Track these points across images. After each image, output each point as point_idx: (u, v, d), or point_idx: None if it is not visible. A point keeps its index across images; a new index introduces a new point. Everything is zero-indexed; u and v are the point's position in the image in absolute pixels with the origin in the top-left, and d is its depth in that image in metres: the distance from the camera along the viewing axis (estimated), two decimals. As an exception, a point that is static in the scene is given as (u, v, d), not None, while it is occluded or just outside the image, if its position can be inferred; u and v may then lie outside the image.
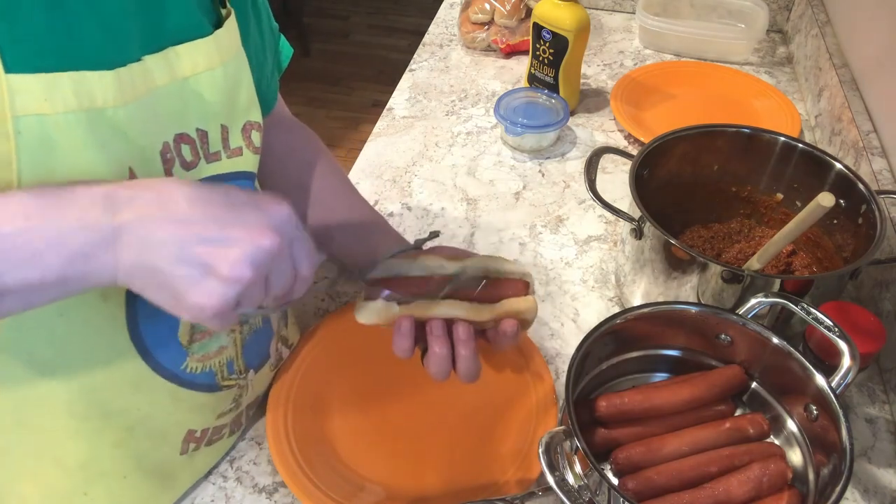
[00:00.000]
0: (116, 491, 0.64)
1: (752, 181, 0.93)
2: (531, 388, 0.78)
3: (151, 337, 0.59)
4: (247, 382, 0.71)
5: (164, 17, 0.54)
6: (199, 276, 0.45)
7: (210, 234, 0.45)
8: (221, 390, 0.68)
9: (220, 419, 0.70)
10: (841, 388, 0.64)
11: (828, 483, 0.61)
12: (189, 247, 0.45)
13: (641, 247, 0.82)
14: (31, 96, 0.44)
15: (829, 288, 0.78)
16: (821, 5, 1.34)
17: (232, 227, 0.46)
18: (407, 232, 1.01)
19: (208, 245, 0.45)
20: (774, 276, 0.84)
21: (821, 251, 0.88)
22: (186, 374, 0.63)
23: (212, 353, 0.65)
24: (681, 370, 0.75)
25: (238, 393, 0.71)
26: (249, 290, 0.47)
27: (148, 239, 0.44)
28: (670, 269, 0.79)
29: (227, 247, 0.45)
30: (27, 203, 0.43)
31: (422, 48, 1.43)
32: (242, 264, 0.45)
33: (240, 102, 0.61)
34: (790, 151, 0.88)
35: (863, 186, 0.81)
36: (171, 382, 0.62)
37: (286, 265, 0.50)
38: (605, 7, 1.55)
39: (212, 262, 0.45)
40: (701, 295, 0.78)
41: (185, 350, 0.62)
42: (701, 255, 0.75)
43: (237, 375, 0.69)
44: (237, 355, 0.69)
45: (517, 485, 0.70)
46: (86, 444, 0.60)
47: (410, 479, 0.72)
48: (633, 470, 0.67)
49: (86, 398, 0.58)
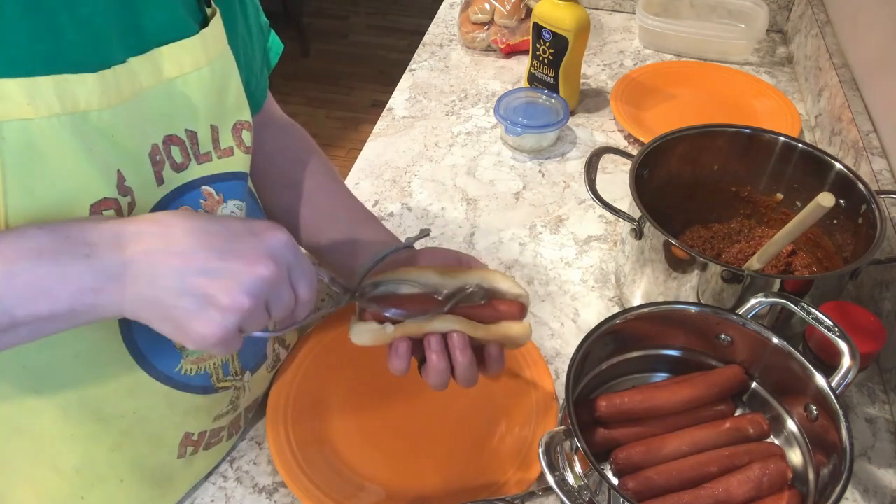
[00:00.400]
0: (113, 495, 0.64)
1: (751, 181, 0.93)
2: (531, 388, 0.78)
3: (145, 340, 0.59)
4: (243, 384, 0.71)
5: (146, 17, 0.53)
6: (198, 307, 0.46)
7: (209, 266, 0.47)
8: (217, 392, 0.68)
9: (217, 421, 0.70)
10: (841, 388, 0.64)
11: (828, 483, 0.61)
12: (189, 279, 0.46)
13: (641, 247, 0.82)
14: (12, 101, 0.44)
15: (828, 288, 0.78)
16: (821, 5, 1.34)
17: (230, 258, 0.47)
18: (407, 232, 1.01)
19: (207, 276, 0.46)
20: (774, 276, 0.84)
21: (821, 251, 0.88)
22: (181, 377, 0.63)
23: (206, 356, 0.65)
24: (681, 370, 0.75)
25: (235, 395, 0.71)
26: (250, 317, 0.48)
27: (151, 273, 0.46)
28: (670, 269, 0.79)
29: (225, 278, 0.47)
30: (39, 238, 0.44)
31: (422, 48, 1.43)
32: (240, 294, 0.47)
33: (229, 102, 0.61)
34: (790, 151, 0.88)
35: (863, 186, 0.81)
36: (166, 385, 0.62)
37: (285, 291, 0.51)
38: (605, 7, 1.55)
39: (211, 292, 0.46)
40: (701, 295, 0.78)
41: (178, 353, 0.62)
42: (701, 255, 0.75)
43: (233, 377, 0.69)
44: (233, 357, 0.69)
45: (517, 485, 0.70)
46: (81, 448, 0.60)
47: (410, 479, 0.72)
48: (633, 470, 0.67)
49: (80, 403, 0.58)
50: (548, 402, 0.77)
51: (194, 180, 0.59)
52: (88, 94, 0.48)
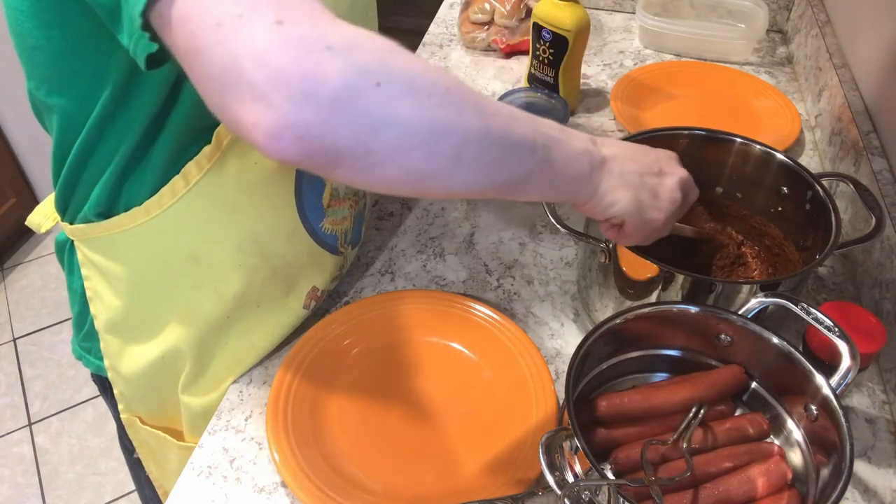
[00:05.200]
0: (250, 319, 0.78)
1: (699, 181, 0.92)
2: (531, 389, 0.78)
3: (307, 197, 0.75)
4: (348, 254, 0.89)
5: None
6: (651, 199, 0.65)
7: (654, 170, 0.66)
8: (338, 254, 0.85)
9: (332, 283, 0.88)
10: (841, 388, 0.64)
11: (828, 483, 0.61)
12: (645, 178, 0.65)
13: (608, 268, 0.81)
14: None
15: (800, 280, 0.79)
16: (821, 5, 1.34)
17: (664, 166, 0.68)
18: (407, 231, 1.02)
19: (655, 177, 0.66)
20: (759, 281, 0.84)
21: (768, 238, 0.89)
22: (321, 233, 0.80)
23: (339, 220, 0.82)
24: (681, 370, 0.75)
25: (342, 262, 0.88)
26: (679, 209, 0.68)
27: (621, 171, 0.62)
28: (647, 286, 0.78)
29: (666, 178, 0.67)
30: (555, 127, 0.58)
31: (422, 48, 1.43)
32: (676, 190, 0.67)
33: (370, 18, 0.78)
34: (729, 146, 0.88)
35: (806, 174, 0.82)
36: (311, 237, 0.79)
37: (693, 189, 0.71)
38: (605, 7, 1.55)
39: (658, 190, 0.66)
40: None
41: (324, 211, 0.79)
42: (676, 270, 0.74)
43: (347, 245, 0.87)
44: (350, 228, 0.86)
45: (517, 485, 0.70)
46: (245, 276, 0.75)
47: (410, 479, 0.72)
48: (633, 470, 0.67)
49: (253, 238, 0.73)
50: (548, 402, 0.77)
51: None
52: None
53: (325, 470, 0.72)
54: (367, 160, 0.45)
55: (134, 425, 0.88)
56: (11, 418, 2.03)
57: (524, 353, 0.82)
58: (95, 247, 0.73)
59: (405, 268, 0.96)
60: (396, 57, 0.45)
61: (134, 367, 0.80)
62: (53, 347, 2.20)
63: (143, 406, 0.86)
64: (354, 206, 0.85)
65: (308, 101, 0.41)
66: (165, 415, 0.86)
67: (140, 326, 0.77)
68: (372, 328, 0.85)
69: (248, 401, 0.81)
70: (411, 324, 0.86)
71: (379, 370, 0.82)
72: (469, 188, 0.51)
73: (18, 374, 2.14)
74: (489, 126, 0.50)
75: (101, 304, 0.77)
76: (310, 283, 0.82)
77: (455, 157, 0.48)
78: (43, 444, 1.97)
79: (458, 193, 0.52)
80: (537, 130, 0.54)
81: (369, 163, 0.45)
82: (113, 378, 0.84)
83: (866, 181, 0.93)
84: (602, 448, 0.69)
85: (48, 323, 2.27)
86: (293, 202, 0.74)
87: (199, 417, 0.82)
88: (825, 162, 1.14)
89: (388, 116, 0.44)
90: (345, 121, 0.42)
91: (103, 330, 0.79)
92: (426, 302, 0.88)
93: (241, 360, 0.81)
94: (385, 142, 0.44)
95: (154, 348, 0.77)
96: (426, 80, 0.46)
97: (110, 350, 0.81)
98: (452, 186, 0.50)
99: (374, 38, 0.45)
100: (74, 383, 2.11)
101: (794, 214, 0.85)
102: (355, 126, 0.43)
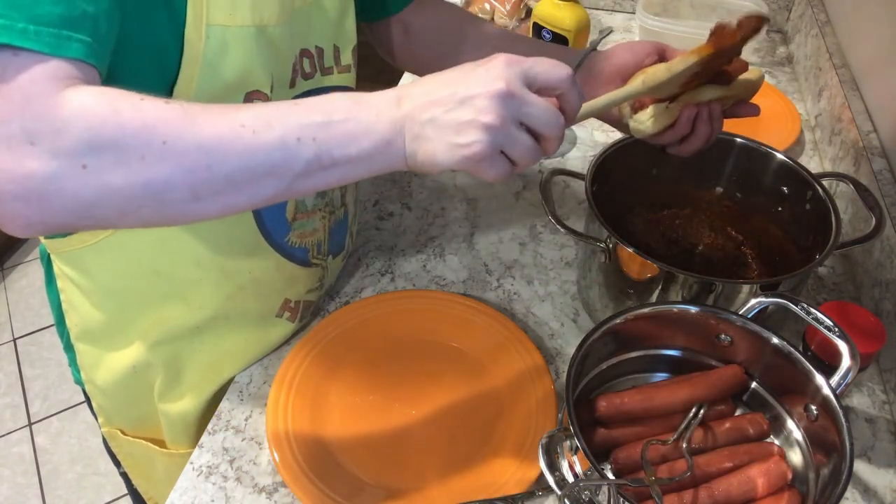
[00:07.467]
0: (222, 329, 0.78)
1: (693, 180, 0.92)
2: (531, 388, 0.78)
3: (267, 212, 0.73)
4: (327, 265, 0.86)
5: None
6: (454, 135, 0.53)
7: (456, 99, 0.53)
8: (311, 267, 0.82)
9: (309, 295, 0.84)
10: (841, 388, 0.64)
11: (828, 483, 0.61)
12: (446, 116, 0.53)
13: (609, 268, 0.81)
14: (221, 10, 0.59)
15: (800, 280, 0.78)
16: (821, 5, 1.34)
17: (467, 88, 0.53)
18: (407, 231, 1.02)
19: (456, 109, 0.53)
20: (759, 281, 0.85)
21: (768, 238, 0.89)
22: (288, 246, 0.77)
23: (307, 233, 0.79)
24: (681, 370, 0.75)
25: (321, 273, 0.85)
26: (505, 134, 0.53)
27: (421, 121, 0.53)
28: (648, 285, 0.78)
29: (470, 104, 0.53)
30: (346, 101, 0.53)
31: (422, 48, 1.43)
32: (487, 112, 0.52)
33: (347, 26, 0.76)
34: (729, 147, 0.88)
35: (805, 173, 0.82)
36: (276, 251, 0.76)
37: (530, 100, 0.54)
38: (605, 7, 1.55)
39: (462, 119, 0.53)
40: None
41: (289, 225, 0.76)
42: (666, 267, 0.74)
43: (322, 257, 0.84)
44: (325, 239, 0.83)
45: (517, 485, 0.70)
46: (209, 291, 0.75)
47: (410, 478, 0.72)
48: (633, 470, 0.67)
49: (211, 253, 0.72)
50: (548, 402, 0.77)
51: (318, 88, 0.73)
52: (271, 12, 0.63)
53: (325, 470, 0.72)
54: (102, 223, 0.50)
55: (116, 438, 0.88)
56: (11, 418, 2.03)
57: (524, 353, 0.82)
58: (67, 260, 0.74)
59: (405, 268, 0.96)
60: (111, 125, 0.46)
61: (109, 378, 0.80)
62: (53, 347, 2.20)
63: (121, 418, 0.86)
64: (328, 216, 0.82)
65: (17, 200, 0.45)
66: (145, 425, 0.86)
67: (111, 337, 0.78)
68: (372, 328, 0.85)
69: (248, 401, 0.81)
70: (411, 324, 0.86)
71: (379, 370, 0.82)
72: (231, 210, 0.52)
73: (18, 374, 2.14)
74: (224, 156, 0.49)
75: (76, 314, 0.78)
76: (281, 297, 0.81)
77: (191, 199, 0.49)
78: (43, 444, 1.97)
79: (225, 215, 0.52)
80: (304, 124, 0.51)
81: (106, 223, 0.50)
82: (91, 391, 0.84)
83: (866, 181, 0.93)
84: (602, 448, 0.69)
85: (48, 323, 2.27)
86: (250, 218, 0.72)
87: (177, 424, 0.82)
88: (825, 162, 1.14)
89: (98, 193, 0.47)
90: (58, 208, 0.46)
91: (78, 340, 0.80)
92: (426, 302, 0.88)
93: (216, 370, 0.81)
94: (106, 210, 0.48)
95: (125, 358, 0.78)
96: (140, 141, 0.47)
97: (85, 361, 0.81)
98: (207, 215, 0.51)
99: (93, 109, 0.46)
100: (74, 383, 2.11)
101: (794, 214, 0.85)
102: (70, 209, 0.47)
